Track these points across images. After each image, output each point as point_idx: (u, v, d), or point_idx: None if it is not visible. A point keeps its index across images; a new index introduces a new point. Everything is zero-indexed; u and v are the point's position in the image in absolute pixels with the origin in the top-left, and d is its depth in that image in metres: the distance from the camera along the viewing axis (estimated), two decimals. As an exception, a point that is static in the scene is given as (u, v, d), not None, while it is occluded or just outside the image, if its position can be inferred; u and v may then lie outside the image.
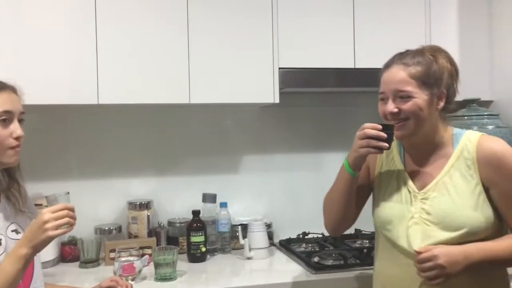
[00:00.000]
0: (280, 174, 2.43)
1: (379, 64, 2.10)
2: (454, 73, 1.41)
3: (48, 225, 1.19)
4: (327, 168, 2.45)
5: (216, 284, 1.79)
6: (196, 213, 2.09)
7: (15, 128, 1.30)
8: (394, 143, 1.46)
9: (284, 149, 2.45)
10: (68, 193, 1.36)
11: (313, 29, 2.13)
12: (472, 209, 1.32)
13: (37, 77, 1.84)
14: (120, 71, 1.93)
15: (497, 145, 1.36)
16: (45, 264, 1.92)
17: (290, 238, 2.32)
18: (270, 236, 2.27)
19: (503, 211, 1.34)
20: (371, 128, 1.35)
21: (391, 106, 1.36)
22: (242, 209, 2.38)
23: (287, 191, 2.43)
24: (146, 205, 2.18)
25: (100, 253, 2.05)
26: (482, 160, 1.34)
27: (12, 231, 1.36)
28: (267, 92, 2.08)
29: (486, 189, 1.34)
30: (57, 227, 1.21)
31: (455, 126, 1.50)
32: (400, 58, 1.39)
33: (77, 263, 2.05)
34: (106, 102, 1.92)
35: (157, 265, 1.81)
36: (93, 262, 2.02)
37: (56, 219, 1.21)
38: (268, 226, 2.29)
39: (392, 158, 1.50)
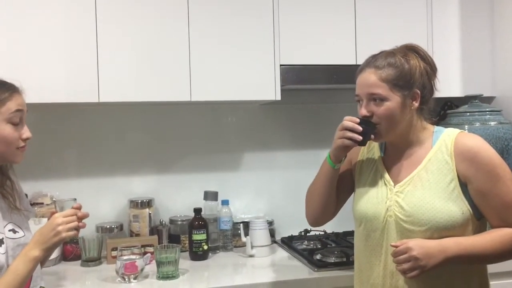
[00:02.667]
0: (281, 171, 2.43)
1: (381, 61, 2.13)
2: (429, 71, 1.40)
3: (60, 227, 1.29)
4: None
5: (218, 282, 1.79)
6: (197, 211, 2.08)
7: (25, 130, 1.37)
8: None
9: (285, 146, 2.44)
10: (75, 199, 1.49)
11: (314, 26, 2.12)
12: (442, 202, 1.31)
13: (38, 76, 1.83)
14: (121, 69, 1.93)
15: (473, 141, 1.36)
16: (47, 263, 1.91)
17: (292, 235, 2.31)
18: (272, 233, 2.27)
19: (480, 208, 1.33)
20: (349, 120, 1.40)
21: (363, 111, 1.39)
22: (244, 207, 2.38)
23: (288, 188, 2.43)
24: (147, 203, 2.17)
25: (101, 251, 2.05)
26: (459, 156, 1.34)
27: (10, 230, 1.36)
28: (268, 89, 2.07)
29: (464, 185, 1.33)
30: (69, 230, 1.31)
31: (458, 123, 1.50)
32: (373, 61, 1.40)
33: (79, 261, 2.04)
34: (107, 100, 1.92)
35: (159, 264, 1.81)
36: (95, 260, 2.01)
37: (68, 222, 1.31)
38: (270, 223, 2.29)
39: (373, 153, 1.51)
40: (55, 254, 2.02)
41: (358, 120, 1.39)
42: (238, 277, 1.91)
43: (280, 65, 2.08)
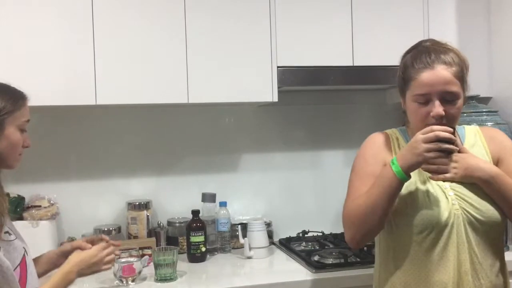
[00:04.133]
0: (279, 173, 2.43)
1: (378, 62, 2.13)
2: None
3: (100, 260, 1.49)
4: (326, 166, 2.45)
5: (216, 284, 1.79)
6: (195, 212, 2.08)
7: (26, 137, 1.41)
8: (402, 140, 1.45)
9: (283, 148, 2.44)
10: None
11: (311, 27, 2.12)
12: None
13: (35, 79, 1.83)
14: (118, 71, 1.93)
15: (495, 129, 1.52)
16: (44, 266, 1.92)
17: (290, 236, 2.31)
18: (270, 235, 2.27)
19: None
20: (442, 129, 1.23)
21: (439, 109, 1.28)
22: (242, 208, 2.38)
23: (286, 189, 2.43)
24: (145, 205, 2.17)
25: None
26: (489, 141, 1.43)
27: (5, 232, 1.35)
28: (266, 91, 2.07)
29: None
30: (107, 263, 1.51)
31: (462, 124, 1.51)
32: (441, 55, 1.32)
33: (77, 264, 2.04)
34: (104, 103, 1.92)
35: (157, 266, 1.80)
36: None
37: (107, 255, 1.51)
38: (268, 225, 2.29)
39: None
40: (53, 256, 2.01)
41: (452, 130, 1.25)
42: (236, 279, 1.91)
43: (277, 67, 2.08)
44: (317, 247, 2.16)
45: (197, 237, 2.04)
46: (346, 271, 1.83)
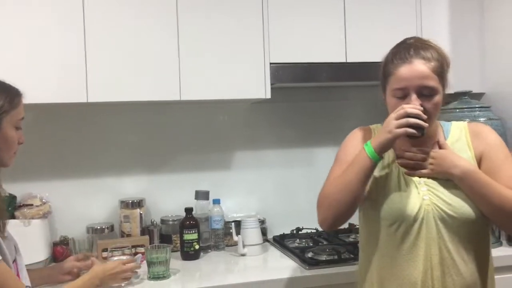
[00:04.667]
0: (272, 170, 2.42)
1: (371, 58, 2.12)
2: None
3: (119, 275, 1.66)
4: (319, 163, 2.45)
5: (210, 282, 1.78)
6: (189, 210, 2.08)
7: (20, 134, 1.41)
8: None
9: (276, 145, 2.44)
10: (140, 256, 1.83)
11: (303, 24, 2.12)
12: None
13: (26, 76, 1.81)
14: (109, 68, 1.91)
15: (483, 125, 1.48)
16: (37, 265, 1.91)
17: (283, 233, 2.31)
18: (264, 232, 2.27)
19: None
20: (412, 107, 1.28)
21: (417, 102, 1.30)
22: (235, 206, 2.37)
23: (280, 186, 2.43)
24: (138, 203, 2.16)
25: (92, 252, 2.03)
26: (474, 137, 1.41)
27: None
28: (259, 87, 2.07)
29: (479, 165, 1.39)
30: (124, 279, 1.68)
31: (448, 119, 1.51)
32: (419, 50, 1.33)
33: (70, 263, 2.03)
34: (95, 101, 1.91)
35: (150, 264, 1.80)
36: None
37: (129, 270, 1.70)
38: (262, 222, 2.28)
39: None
40: (45, 255, 2.01)
41: (422, 108, 1.29)
42: (230, 276, 1.90)
43: (270, 63, 2.07)
44: (311, 244, 2.15)
45: (191, 235, 2.03)
46: (339, 267, 1.83)
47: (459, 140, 1.42)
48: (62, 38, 1.88)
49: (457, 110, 2.16)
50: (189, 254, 2.04)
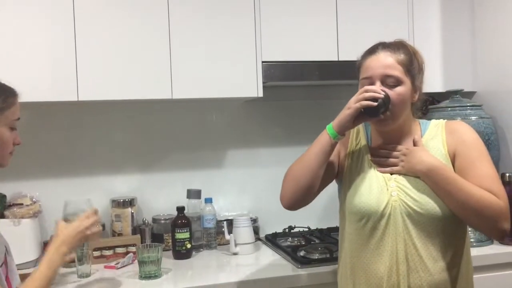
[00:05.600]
0: (265, 169, 2.42)
1: (363, 56, 2.13)
2: (423, 71, 1.45)
3: (85, 228, 1.46)
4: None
5: (201, 281, 1.77)
6: (180, 209, 2.07)
7: (16, 135, 1.39)
8: (362, 131, 1.52)
9: (268, 143, 2.44)
10: (90, 199, 1.60)
11: (296, 22, 2.11)
12: None
13: (16, 75, 1.75)
14: (100, 67, 1.90)
15: (461, 123, 1.46)
16: (27, 264, 1.89)
17: (276, 232, 2.31)
18: (256, 230, 2.27)
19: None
20: (370, 90, 1.34)
21: (379, 89, 1.34)
22: (228, 204, 2.37)
23: (272, 185, 2.38)
24: (129, 203, 2.15)
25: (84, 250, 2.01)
26: (449, 134, 1.41)
27: None
28: (251, 86, 2.06)
29: (453, 163, 1.39)
30: (91, 229, 1.47)
31: (440, 118, 1.52)
32: (386, 45, 1.41)
33: (60, 262, 2.01)
34: (86, 99, 1.89)
35: (141, 263, 1.78)
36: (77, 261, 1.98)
37: (92, 224, 1.49)
38: (254, 221, 2.28)
39: (360, 145, 1.51)
40: (35, 255, 1.99)
41: (380, 89, 1.34)
42: (222, 275, 1.90)
43: (262, 62, 2.07)
44: (303, 243, 2.15)
45: (182, 234, 2.02)
46: (331, 266, 1.83)
47: (434, 138, 1.42)
48: (52, 36, 1.86)
49: (449, 108, 2.17)
50: (181, 253, 2.03)
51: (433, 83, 2.27)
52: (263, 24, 2.07)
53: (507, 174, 2.08)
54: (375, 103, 1.32)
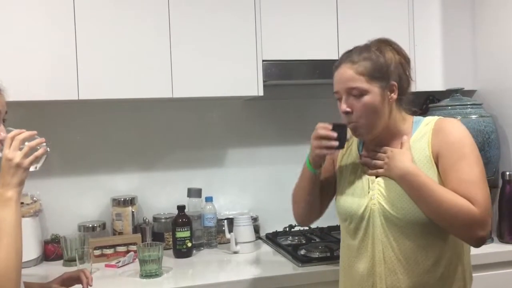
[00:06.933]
0: (265, 167, 2.42)
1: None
2: (403, 62, 1.41)
3: (16, 160, 1.21)
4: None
5: (202, 279, 1.78)
6: (181, 208, 2.07)
7: (1, 129, 1.32)
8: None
9: (269, 142, 2.44)
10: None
11: (296, 21, 2.11)
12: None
13: (17, 73, 1.79)
14: (101, 66, 1.90)
15: (451, 122, 1.39)
16: (27, 263, 1.90)
17: (276, 231, 2.31)
18: (257, 229, 2.27)
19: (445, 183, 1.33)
20: (322, 128, 1.40)
21: (344, 106, 1.38)
22: (228, 203, 2.37)
23: (272, 184, 2.42)
24: (130, 201, 2.15)
25: (84, 250, 2.01)
26: (434, 134, 1.36)
27: None
28: (251, 85, 2.06)
29: (437, 165, 1.35)
30: (26, 157, 1.24)
31: (440, 116, 1.51)
32: (348, 56, 1.39)
33: (61, 261, 2.02)
34: (87, 98, 1.89)
35: (142, 262, 1.79)
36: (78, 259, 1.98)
37: (17, 150, 1.23)
38: (254, 219, 2.28)
39: (351, 148, 1.52)
40: (36, 254, 1.99)
41: (330, 127, 1.39)
42: (223, 274, 1.90)
43: (263, 61, 2.07)
44: (304, 241, 2.15)
45: (183, 233, 2.02)
46: (332, 264, 1.83)
47: (422, 138, 1.38)
48: (53, 35, 1.86)
49: (449, 107, 2.17)
50: (182, 252, 2.03)
51: (433, 81, 2.28)
52: (263, 23, 2.07)
53: (507, 173, 2.09)
54: (335, 144, 1.37)
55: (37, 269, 1.96)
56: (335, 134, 1.37)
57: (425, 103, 2.44)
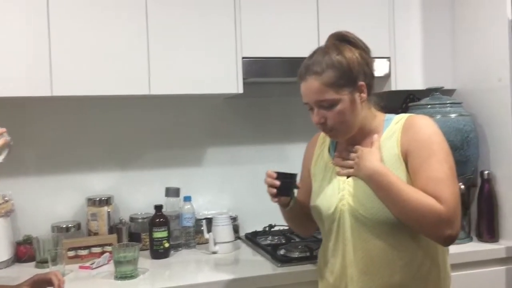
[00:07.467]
0: (245, 166, 2.39)
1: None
2: (364, 56, 1.38)
3: None
4: (292, 159, 2.40)
5: (179, 281, 1.74)
6: (158, 208, 2.03)
7: None
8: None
9: (249, 140, 2.41)
10: None
11: (276, 18, 2.09)
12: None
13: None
14: (75, 61, 1.85)
15: (421, 119, 1.37)
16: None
17: (256, 231, 2.28)
18: (236, 229, 2.24)
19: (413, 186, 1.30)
20: (268, 175, 1.45)
21: (316, 118, 1.37)
22: (207, 203, 2.33)
23: (252, 183, 2.39)
24: (106, 201, 2.10)
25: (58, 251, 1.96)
26: (404, 132, 1.34)
27: None
28: (231, 82, 2.03)
29: (406, 164, 1.33)
30: None
31: (420, 114, 1.50)
32: (311, 65, 1.35)
33: (33, 263, 1.96)
34: (60, 94, 1.84)
35: (117, 263, 1.74)
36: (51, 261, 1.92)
37: None
38: (234, 219, 2.25)
39: (322, 150, 1.52)
40: (7, 255, 1.93)
41: (275, 175, 1.43)
42: (201, 275, 1.86)
43: (242, 58, 2.04)
44: (283, 241, 2.13)
45: (160, 233, 1.98)
46: (312, 264, 1.81)
47: (392, 136, 1.36)
48: (25, 31, 1.80)
49: (429, 106, 2.17)
50: (159, 252, 1.99)
51: (413, 80, 2.28)
52: (243, 19, 2.04)
53: (486, 172, 2.10)
54: (274, 191, 1.43)
55: (8, 271, 1.90)
56: (277, 183, 1.42)
57: (405, 102, 2.43)
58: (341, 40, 1.40)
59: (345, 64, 1.33)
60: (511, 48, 2.00)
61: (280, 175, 1.42)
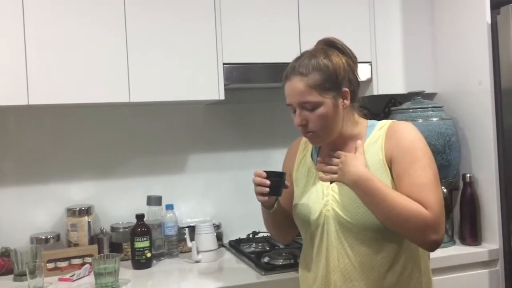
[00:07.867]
0: (227, 173, 2.37)
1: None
2: (351, 64, 1.39)
3: None
4: (275, 165, 2.37)
5: (162, 291, 1.71)
6: (140, 217, 1.99)
7: None
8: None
9: (231, 147, 2.39)
10: None
11: (257, 24, 2.08)
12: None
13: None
14: (52, 70, 1.81)
15: (403, 125, 1.37)
16: (-26, 280, 1.78)
17: (240, 238, 2.26)
18: (219, 237, 2.21)
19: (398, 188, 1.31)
20: (256, 175, 1.41)
21: (298, 120, 1.36)
22: (189, 211, 2.31)
23: (235, 190, 2.37)
24: (86, 211, 2.06)
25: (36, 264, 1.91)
26: (387, 138, 1.35)
27: None
28: (212, 88, 2.01)
29: (391, 170, 1.33)
30: None
31: (402, 119, 1.50)
32: (297, 67, 1.36)
33: (11, 276, 1.90)
34: (37, 103, 1.80)
35: (97, 275, 1.70)
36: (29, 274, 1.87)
37: None
38: (217, 227, 2.23)
39: (305, 155, 1.51)
40: (-16, 269, 1.88)
41: (264, 175, 1.39)
42: (184, 284, 1.84)
43: (223, 64, 2.02)
44: (267, 248, 2.11)
45: (142, 243, 1.95)
46: (296, 272, 1.79)
47: (376, 142, 1.37)
48: (0, 38, 1.76)
49: (411, 110, 2.17)
50: (141, 262, 1.95)
51: (395, 84, 2.29)
52: (223, 26, 2.02)
53: (468, 175, 2.11)
54: (266, 190, 1.39)
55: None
56: (268, 182, 1.38)
57: (387, 106, 2.44)
58: (329, 45, 1.40)
59: (331, 69, 1.34)
60: (490, 52, 2.02)
61: (270, 174, 1.40)
